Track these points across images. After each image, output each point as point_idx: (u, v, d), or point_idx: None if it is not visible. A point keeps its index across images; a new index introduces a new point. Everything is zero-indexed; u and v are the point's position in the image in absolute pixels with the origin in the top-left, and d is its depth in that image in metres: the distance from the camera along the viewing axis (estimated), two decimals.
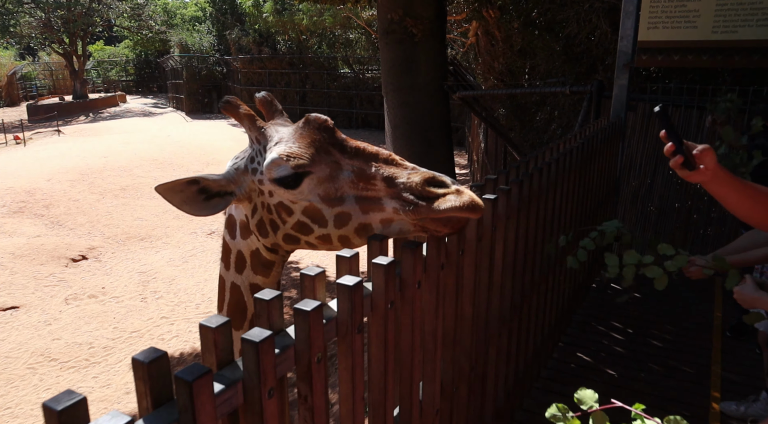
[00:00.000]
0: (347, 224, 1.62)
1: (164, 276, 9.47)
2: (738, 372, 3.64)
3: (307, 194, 1.61)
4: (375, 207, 1.58)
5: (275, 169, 1.59)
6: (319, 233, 1.65)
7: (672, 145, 1.57)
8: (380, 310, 1.64)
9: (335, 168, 1.61)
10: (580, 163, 3.66)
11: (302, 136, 1.63)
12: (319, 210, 1.62)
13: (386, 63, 7.88)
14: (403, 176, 1.56)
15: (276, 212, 1.67)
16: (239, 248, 1.83)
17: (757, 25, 4.41)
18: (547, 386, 3.49)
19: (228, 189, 1.70)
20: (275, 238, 1.72)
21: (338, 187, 1.60)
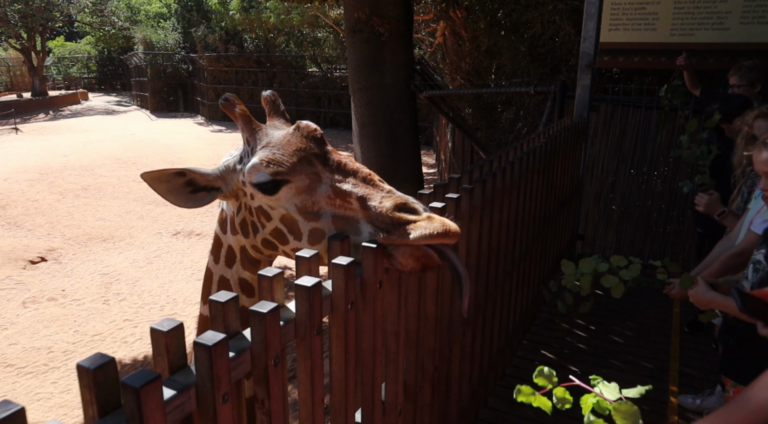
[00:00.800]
0: (320, 242, 1.61)
1: (128, 278, 9.26)
2: (695, 367, 3.74)
3: (285, 202, 1.61)
4: (351, 228, 1.57)
5: (255, 173, 1.60)
6: (294, 246, 1.64)
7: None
8: (340, 311, 1.62)
9: (315, 180, 1.59)
10: (543, 162, 3.70)
11: (288, 144, 1.63)
12: (296, 221, 1.61)
13: (353, 62, 7.85)
14: (377, 199, 1.52)
15: (256, 215, 1.68)
16: (230, 243, 1.83)
17: (712, 28, 4.53)
18: (511, 384, 3.52)
19: (215, 185, 1.70)
20: (255, 240, 1.72)
21: (315, 200, 1.59)
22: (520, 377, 3.59)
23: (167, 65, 27.62)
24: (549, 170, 3.96)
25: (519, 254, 3.48)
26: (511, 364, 3.73)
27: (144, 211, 12.67)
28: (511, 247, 3.27)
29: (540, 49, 6.85)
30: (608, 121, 5.52)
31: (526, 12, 6.70)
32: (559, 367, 3.73)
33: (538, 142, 3.63)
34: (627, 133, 5.48)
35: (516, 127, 7.68)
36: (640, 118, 5.37)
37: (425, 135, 19.32)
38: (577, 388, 1.40)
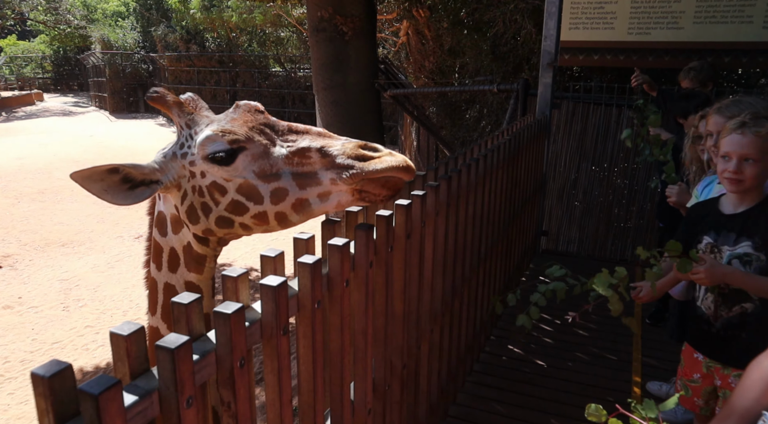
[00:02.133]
0: (284, 200, 1.59)
1: (88, 283, 9.01)
2: (657, 357, 3.83)
3: (242, 171, 1.59)
4: (312, 182, 1.58)
5: (210, 145, 1.59)
6: (255, 211, 1.61)
7: None
8: (307, 310, 1.60)
9: (269, 145, 1.61)
10: (507, 159, 3.74)
11: (234, 119, 1.64)
12: (255, 187, 1.60)
13: (317, 61, 7.81)
14: (337, 145, 1.58)
15: (208, 194, 1.64)
16: (172, 245, 1.78)
17: (667, 27, 4.65)
18: (480, 380, 3.55)
19: (153, 177, 1.65)
20: (207, 223, 1.67)
21: (273, 163, 1.60)
22: (488, 373, 3.62)
23: (126, 65, 26.96)
24: (513, 167, 4.01)
25: (485, 250, 3.51)
26: (479, 360, 3.76)
27: (104, 214, 12.36)
28: (477, 243, 3.29)
29: (502, 48, 6.92)
30: (570, 118, 5.62)
31: (488, 11, 6.76)
32: (526, 362, 3.78)
33: (501, 140, 3.67)
34: (588, 130, 5.59)
35: (480, 125, 7.75)
36: (600, 115, 5.49)
37: (390, 134, 19.33)
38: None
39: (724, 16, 4.49)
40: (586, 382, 3.55)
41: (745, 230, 2.09)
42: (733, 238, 2.12)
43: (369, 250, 1.90)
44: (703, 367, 2.41)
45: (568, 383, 3.52)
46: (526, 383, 3.51)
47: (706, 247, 2.26)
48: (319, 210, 1.62)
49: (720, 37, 4.52)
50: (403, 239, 2.19)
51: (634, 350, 3.90)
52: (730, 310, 2.20)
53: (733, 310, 2.17)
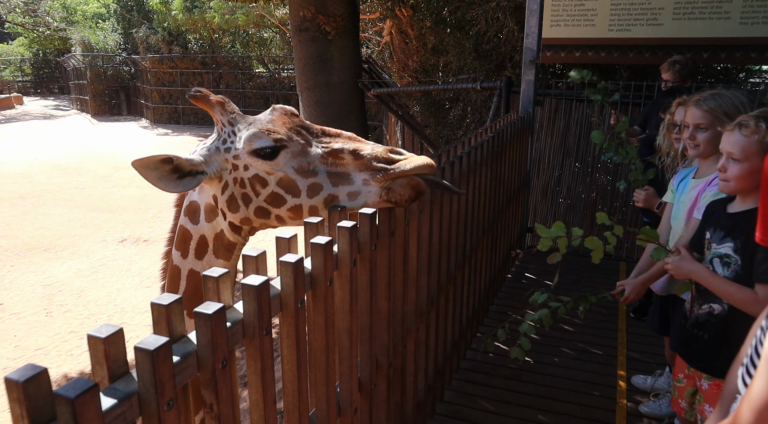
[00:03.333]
0: (318, 194, 1.78)
1: (72, 288, 8.90)
2: (642, 351, 3.86)
3: (283, 166, 1.77)
4: (344, 180, 1.77)
5: (256, 141, 1.76)
6: (292, 204, 1.80)
7: None
8: (290, 309, 1.59)
9: (306, 145, 1.79)
10: (490, 156, 3.75)
11: (273, 120, 1.82)
12: (294, 181, 1.77)
13: (300, 61, 7.79)
14: (368, 149, 1.77)
15: (250, 185, 1.81)
16: (202, 233, 1.92)
17: (647, 24, 4.69)
18: (466, 377, 3.55)
19: (199, 169, 1.80)
20: (246, 212, 1.83)
21: (310, 161, 1.77)
22: (475, 370, 3.62)
23: (108, 67, 26.67)
24: (496, 164, 4.02)
25: (470, 247, 3.51)
26: (465, 357, 3.76)
27: (87, 218, 12.23)
28: (461, 240, 3.30)
29: (485, 46, 6.94)
30: (553, 115, 5.65)
31: (470, 9, 6.78)
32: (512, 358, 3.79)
33: (485, 137, 3.68)
34: (571, 127, 5.62)
35: (464, 123, 7.77)
36: (583, 111, 5.52)
37: (375, 134, 19.34)
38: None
39: (702, 12, 4.54)
40: (572, 376, 3.57)
41: (732, 231, 2.09)
42: (721, 236, 2.12)
43: (353, 248, 1.90)
44: (686, 367, 2.41)
45: (554, 379, 3.54)
46: (512, 379, 3.53)
47: (705, 242, 2.27)
48: (347, 208, 1.82)
49: (698, 32, 4.57)
50: (387, 237, 2.19)
51: (619, 345, 3.93)
52: (701, 307, 2.21)
53: (702, 308, 2.18)
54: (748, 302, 1.92)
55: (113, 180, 14.96)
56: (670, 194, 2.88)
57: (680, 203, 2.77)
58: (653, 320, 3.01)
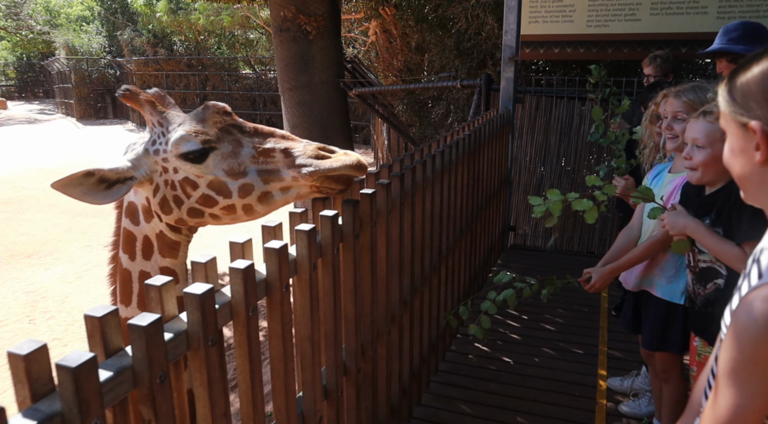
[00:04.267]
0: (250, 194, 1.78)
1: (56, 294, 8.77)
2: (622, 349, 3.82)
3: (213, 169, 1.76)
4: (275, 177, 1.78)
5: (183, 144, 1.73)
6: (224, 204, 1.79)
7: None
8: (241, 317, 1.53)
9: (237, 145, 1.78)
10: (467, 155, 3.69)
11: (204, 119, 1.79)
12: (224, 183, 1.77)
13: (281, 61, 7.71)
14: (299, 147, 1.80)
15: (181, 188, 1.78)
16: (145, 233, 1.89)
17: (625, 19, 4.66)
18: (445, 379, 3.50)
19: (128, 175, 1.76)
20: (180, 213, 1.82)
21: (241, 162, 1.77)
22: (454, 372, 3.57)
23: (93, 71, 26.40)
24: (474, 162, 3.96)
25: (446, 248, 3.46)
26: (444, 359, 3.71)
27: (72, 223, 12.09)
28: (436, 241, 3.24)
29: (466, 44, 6.89)
30: (534, 112, 5.61)
31: (450, 7, 6.73)
32: (493, 359, 3.74)
33: (460, 136, 3.62)
34: (552, 125, 5.58)
35: (447, 121, 7.72)
36: (564, 109, 5.48)
37: (363, 134, 19.29)
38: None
39: (679, 8, 4.51)
40: (552, 377, 3.52)
41: (706, 209, 2.08)
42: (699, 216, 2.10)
43: (312, 252, 1.83)
44: (697, 355, 2.37)
45: (534, 379, 3.49)
46: (492, 381, 3.47)
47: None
48: (281, 201, 1.83)
49: (676, 28, 4.54)
50: (351, 239, 2.13)
51: (600, 343, 3.89)
52: (705, 288, 2.17)
53: (708, 288, 2.15)
54: (737, 259, 1.90)
55: None
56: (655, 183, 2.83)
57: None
58: (626, 317, 2.96)
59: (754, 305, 0.92)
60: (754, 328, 0.90)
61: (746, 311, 0.93)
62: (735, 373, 0.93)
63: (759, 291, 0.94)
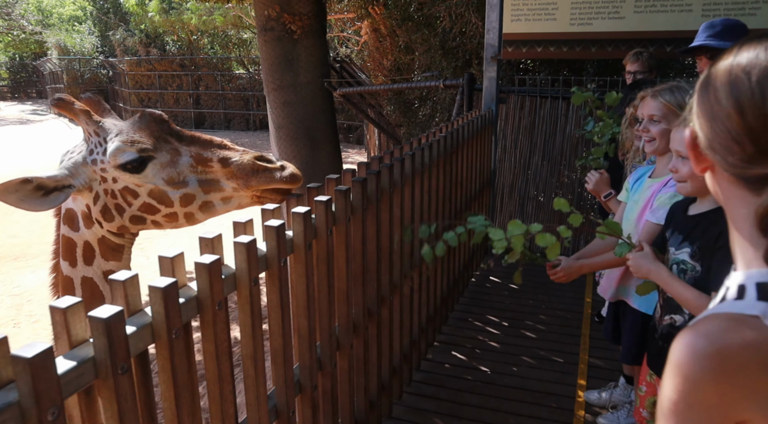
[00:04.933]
0: (192, 204, 1.81)
1: (42, 298, 8.63)
2: (603, 357, 3.70)
3: (152, 178, 1.77)
4: (215, 188, 1.80)
5: (120, 155, 1.74)
6: (166, 212, 1.82)
7: None
8: (163, 340, 1.41)
9: (175, 154, 1.79)
10: (443, 156, 3.57)
11: (141, 128, 1.79)
12: (165, 192, 1.79)
13: (266, 61, 7.60)
14: (236, 156, 1.79)
15: (121, 197, 1.80)
16: (85, 239, 1.90)
17: (608, 17, 4.54)
18: (419, 391, 3.38)
19: (65, 183, 1.77)
20: (122, 220, 1.84)
21: (180, 171, 1.78)
22: (428, 383, 3.45)
23: (85, 71, 26.22)
24: (451, 164, 3.84)
25: (419, 254, 3.33)
26: (419, 369, 3.58)
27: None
28: (407, 247, 3.12)
29: (451, 43, 6.77)
30: (518, 112, 5.49)
31: (435, 5, 6.60)
32: (470, 368, 3.62)
33: (436, 137, 3.50)
34: (537, 125, 5.46)
35: (433, 122, 7.60)
36: (548, 108, 5.37)
37: (356, 134, 19.16)
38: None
39: (663, 5, 4.39)
40: (530, 387, 3.40)
41: (691, 235, 1.92)
42: (679, 241, 1.95)
43: (252, 266, 1.71)
44: (648, 374, 2.26)
45: (511, 390, 3.37)
46: (467, 392, 3.35)
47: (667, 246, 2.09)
48: (222, 210, 1.86)
49: (661, 26, 4.43)
50: (302, 250, 2.01)
51: (581, 351, 3.77)
52: (663, 318, 2.05)
53: (665, 319, 2.02)
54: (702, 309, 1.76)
55: None
56: (625, 193, 2.73)
57: (633, 203, 2.62)
58: (607, 328, 2.85)
59: (693, 340, 0.80)
60: (690, 366, 0.78)
61: (684, 345, 0.81)
62: (673, 415, 0.82)
63: (700, 325, 0.82)
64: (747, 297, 0.81)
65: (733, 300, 0.82)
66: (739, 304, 0.81)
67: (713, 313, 0.83)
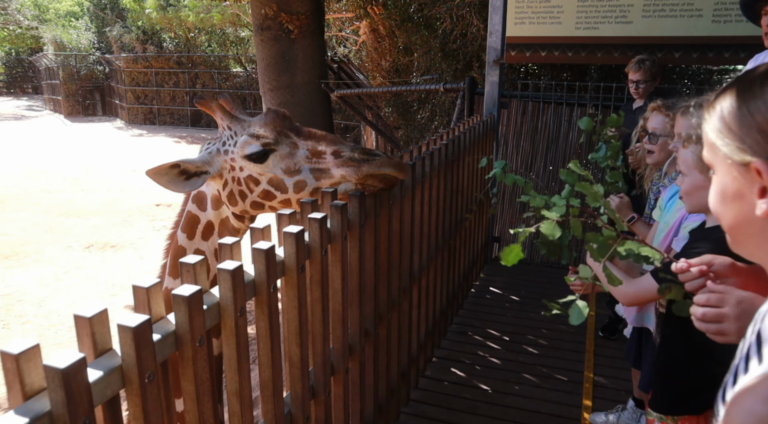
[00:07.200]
0: (304, 190, 2.03)
1: (33, 298, 8.46)
2: (610, 376, 3.56)
3: (272, 168, 2.00)
4: (325, 175, 2.01)
5: (247, 147, 1.99)
6: (282, 198, 2.04)
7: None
8: (135, 386, 1.26)
9: (293, 147, 2.01)
10: (444, 166, 3.43)
11: (266, 124, 2.01)
12: (282, 180, 2.01)
13: (262, 61, 7.44)
14: (347, 149, 2.00)
15: (245, 184, 2.04)
16: (209, 218, 2.16)
17: (615, 22, 4.40)
18: (417, 411, 3.23)
19: (203, 169, 2.03)
20: (244, 205, 2.08)
21: (296, 161, 2.00)
22: (426, 402, 3.30)
23: (81, 67, 25.99)
24: (453, 173, 3.70)
25: (419, 268, 3.19)
26: (417, 387, 3.44)
27: (54, 223, 11.80)
28: (407, 261, 2.97)
29: (452, 45, 6.62)
30: (520, 118, 5.34)
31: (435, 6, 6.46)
32: (469, 386, 3.48)
33: (437, 144, 3.35)
34: (540, 130, 5.32)
35: (432, 125, 7.45)
36: (551, 114, 5.22)
37: (354, 134, 19.00)
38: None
39: (673, 10, 4.25)
40: (532, 408, 3.26)
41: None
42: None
43: (238, 295, 1.56)
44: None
45: (512, 411, 3.23)
46: (467, 413, 3.21)
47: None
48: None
49: (669, 31, 4.28)
50: (294, 273, 1.86)
51: (585, 369, 3.63)
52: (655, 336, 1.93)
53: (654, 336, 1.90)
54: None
55: (83, 183, 14.51)
56: (658, 212, 2.54)
57: (663, 224, 2.44)
58: (630, 352, 2.71)
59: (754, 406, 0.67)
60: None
61: (744, 410, 0.68)
62: None
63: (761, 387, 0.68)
64: None
65: None
66: None
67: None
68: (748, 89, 0.75)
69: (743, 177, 0.75)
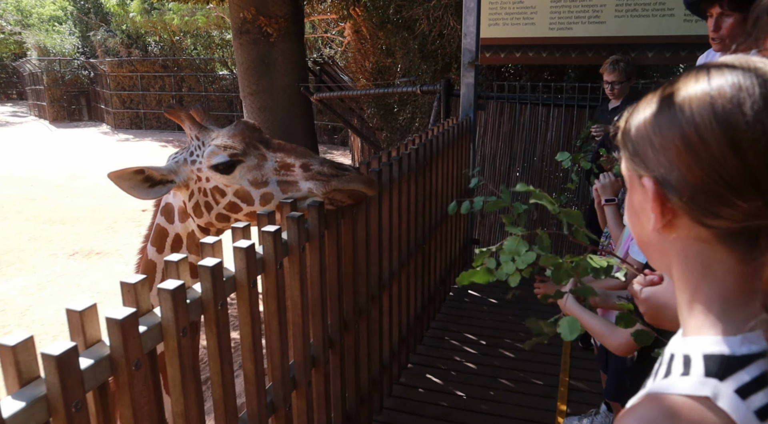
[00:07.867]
0: (270, 202, 2.01)
1: (16, 307, 8.36)
2: (586, 379, 3.54)
3: (239, 179, 1.98)
4: (293, 188, 2.00)
5: (214, 157, 1.97)
6: (248, 211, 2.03)
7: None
8: (61, 415, 1.21)
9: (262, 159, 2.00)
10: (414, 171, 3.39)
11: (235, 135, 2.00)
12: (248, 192, 2.00)
13: (242, 65, 7.40)
14: (316, 163, 2.00)
15: (211, 195, 2.02)
16: (177, 231, 2.14)
17: (589, 22, 4.38)
18: (390, 419, 3.20)
19: (169, 178, 2.01)
20: (209, 217, 2.06)
21: (264, 173, 1.99)
22: (400, 410, 3.27)
23: (66, 72, 25.74)
24: (426, 177, 3.67)
25: (389, 275, 3.16)
26: (391, 394, 3.40)
27: (37, 231, 11.68)
28: (375, 269, 2.93)
29: (430, 47, 6.60)
30: (497, 119, 5.32)
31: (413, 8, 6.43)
32: (444, 393, 3.45)
33: (407, 150, 3.32)
34: (517, 131, 5.30)
35: (413, 126, 7.43)
36: (528, 115, 5.20)
37: (341, 135, 18.95)
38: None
39: (645, 10, 4.23)
40: (507, 414, 3.23)
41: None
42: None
43: (180, 316, 1.52)
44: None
45: (487, 418, 3.20)
46: (441, 420, 3.17)
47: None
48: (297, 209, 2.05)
49: (642, 31, 4.27)
50: (246, 288, 1.82)
51: (561, 372, 3.61)
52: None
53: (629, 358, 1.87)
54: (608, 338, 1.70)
55: (67, 190, 14.38)
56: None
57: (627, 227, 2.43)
58: (601, 357, 2.69)
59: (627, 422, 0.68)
60: None
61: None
62: None
63: (642, 408, 0.69)
64: (693, 372, 0.67)
65: (679, 376, 0.68)
66: (684, 383, 0.67)
67: (656, 393, 0.69)
68: (653, 103, 0.73)
69: (643, 191, 0.73)
